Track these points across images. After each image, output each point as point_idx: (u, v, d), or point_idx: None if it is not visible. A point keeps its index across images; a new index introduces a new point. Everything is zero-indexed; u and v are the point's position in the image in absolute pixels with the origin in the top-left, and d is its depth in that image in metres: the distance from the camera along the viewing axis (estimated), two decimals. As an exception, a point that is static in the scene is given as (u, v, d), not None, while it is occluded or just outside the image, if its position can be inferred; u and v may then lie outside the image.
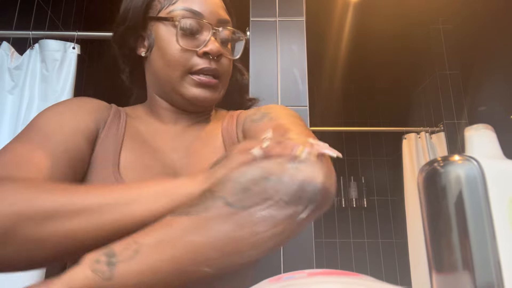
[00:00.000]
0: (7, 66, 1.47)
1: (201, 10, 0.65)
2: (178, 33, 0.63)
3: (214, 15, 0.66)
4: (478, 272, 0.27)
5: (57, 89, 1.43)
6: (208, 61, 0.64)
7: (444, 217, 0.30)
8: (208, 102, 0.66)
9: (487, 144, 0.33)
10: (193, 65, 0.64)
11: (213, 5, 0.66)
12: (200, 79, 0.64)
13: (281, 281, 0.26)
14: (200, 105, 0.67)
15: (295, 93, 1.23)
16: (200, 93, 0.65)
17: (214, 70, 0.64)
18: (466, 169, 0.30)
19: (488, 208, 0.29)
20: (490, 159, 0.31)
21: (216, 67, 0.65)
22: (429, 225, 0.31)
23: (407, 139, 2.40)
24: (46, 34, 1.52)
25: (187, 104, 0.68)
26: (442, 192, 0.30)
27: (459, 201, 0.29)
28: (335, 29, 2.45)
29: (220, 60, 0.66)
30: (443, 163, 0.31)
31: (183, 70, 0.64)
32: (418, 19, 2.33)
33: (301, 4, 1.31)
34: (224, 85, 0.69)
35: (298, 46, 1.27)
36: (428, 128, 2.39)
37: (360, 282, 0.25)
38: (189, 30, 0.64)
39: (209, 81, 0.64)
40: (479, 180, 0.29)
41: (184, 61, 0.64)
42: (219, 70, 0.65)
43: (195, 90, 0.64)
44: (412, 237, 2.14)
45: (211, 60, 0.64)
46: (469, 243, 0.28)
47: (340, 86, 2.96)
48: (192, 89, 0.64)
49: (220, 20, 0.67)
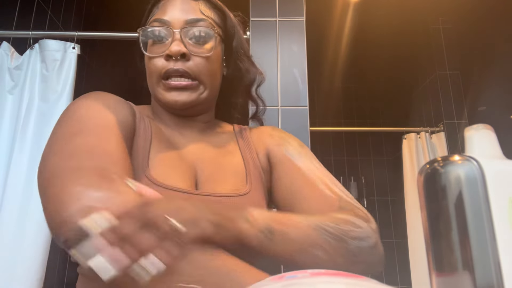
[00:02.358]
0: (7, 66, 1.47)
1: (168, 17, 0.67)
2: (142, 43, 0.67)
3: (180, 18, 0.66)
4: (478, 272, 0.27)
5: (57, 89, 1.43)
6: (173, 62, 0.64)
7: (444, 217, 0.30)
8: (187, 104, 0.66)
9: (487, 144, 0.33)
10: (161, 70, 0.65)
11: (181, 10, 0.67)
12: (169, 83, 0.65)
13: (283, 280, 0.26)
14: (180, 108, 0.67)
15: (295, 93, 1.23)
16: (173, 96, 0.65)
17: (181, 71, 0.64)
18: (466, 169, 0.30)
19: (488, 208, 0.29)
20: (490, 159, 0.31)
21: (183, 68, 0.64)
22: (429, 225, 0.31)
23: (407, 139, 2.40)
24: (46, 34, 1.52)
25: (169, 109, 0.69)
26: (442, 192, 0.30)
27: (459, 201, 0.29)
28: (335, 29, 2.44)
29: (191, 60, 0.65)
30: (443, 163, 0.31)
31: (156, 76, 0.66)
32: (418, 19, 2.33)
33: (301, 4, 1.31)
34: (206, 85, 0.67)
35: (298, 46, 1.27)
36: (428, 128, 2.39)
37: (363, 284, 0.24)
38: (156, 38, 0.67)
39: (178, 84, 0.64)
40: (479, 180, 0.29)
41: (154, 67, 0.66)
42: (189, 70, 0.65)
43: (167, 95, 0.65)
44: (412, 237, 2.14)
45: (177, 61, 0.64)
46: (469, 243, 0.28)
47: (340, 86, 2.95)
48: (165, 94, 0.66)
49: (188, 21, 0.67)
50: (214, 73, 0.69)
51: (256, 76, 0.80)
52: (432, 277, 0.30)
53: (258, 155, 0.72)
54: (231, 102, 0.82)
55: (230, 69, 0.76)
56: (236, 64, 0.75)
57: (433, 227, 0.31)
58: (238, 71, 0.76)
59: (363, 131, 2.93)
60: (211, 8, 0.71)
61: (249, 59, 0.79)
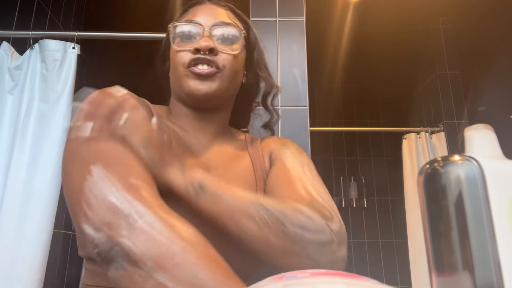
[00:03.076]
0: (7, 66, 1.47)
1: (197, 18, 0.72)
2: (173, 39, 0.72)
3: (210, 20, 0.72)
4: (478, 272, 0.27)
5: (57, 89, 1.43)
6: (201, 55, 0.68)
7: (444, 217, 0.30)
8: (209, 94, 0.69)
9: (487, 144, 0.33)
10: (188, 61, 0.69)
11: (210, 14, 0.73)
12: (193, 70, 0.68)
13: (283, 280, 0.26)
14: (203, 98, 0.70)
15: (295, 93, 1.23)
16: (196, 85, 0.68)
17: (208, 59, 0.68)
18: (466, 169, 0.30)
19: (488, 208, 0.29)
20: (490, 159, 0.31)
21: (210, 58, 0.68)
22: (429, 225, 0.31)
23: (407, 139, 2.40)
24: (46, 34, 1.51)
25: (191, 100, 0.72)
26: (442, 192, 0.30)
27: (459, 201, 0.29)
28: (335, 29, 2.44)
29: (217, 55, 0.69)
30: (443, 163, 0.31)
31: (182, 66, 0.69)
32: (418, 19, 2.33)
33: (301, 4, 1.31)
34: (225, 78, 0.70)
35: (298, 46, 1.27)
36: (428, 128, 2.39)
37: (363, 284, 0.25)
38: (185, 35, 0.71)
39: (202, 71, 0.67)
40: (479, 180, 0.29)
41: (180, 59, 0.70)
42: (215, 61, 0.68)
43: (191, 83, 0.69)
44: (412, 237, 2.14)
45: (204, 55, 0.68)
46: (469, 243, 0.28)
47: (340, 86, 2.95)
48: (189, 82, 0.69)
49: (217, 22, 0.72)
50: (237, 71, 0.73)
51: (273, 88, 0.85)
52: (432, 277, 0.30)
53: (264, 161, 0.75)
54: (246, 111, 0.87)
55: (249, 77, 0.79)
56: (255, 73, 0.80)
57: (433, 227, 0.31)
58: (257, 80, 0.81)
59: (363, 131, 2.93)
60: (237, 18, 0.77)
61: (268, 71, 0.83)
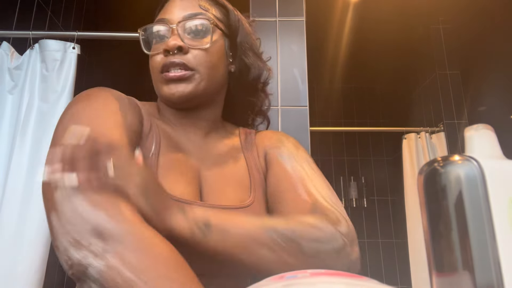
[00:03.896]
0: (7, 66, 1.46)
1: (168, 15, 0.69)
2: (144, 43, 0.70)
3: (178, 14, 0.68)
4: (478, 272, 0.27)
5: (57, 89, 1.43)
6: (171, 57, 0.65)
7: (444, 217, 0.30)
8: (183, 97, 0.66)
9: (487, 144, 0.33)
10: (160, 65, 0.66)
11: (180, 7, 0.69)
12: (166, 75, 0.65)
13: (283, 280, 0.26)
14: (177, 101, 0.67)
15: (295, 93, 1.23)
16: (170, 89, 0.66)
17: (178, 63, 0.65)
18: (466, 169, 0.30)
19: (488, 208, 0.29)
20: (490, 159, 0.31)
21: (180, 59, 0.65)
22: (429, 225, 0.31)
23: (407, 139, 2.40)
24: (46, 34, 1.51)
25: (171, 104, 0.70)
26: (442, 192, 0.30)
27: (459, 201, 0.29)
28: (335, 29, 2.44)
29: (189, 53, 0.66)
30: (443, 163, 0.31)
31: (156, 71, 0.67)
32: (418, 19, 2.33)
33: (301, 4, 1.31)
34: (204, 76, 0.67)
35: (298, 46, 1.27)
36: (428, 128, 2.39)
37: (363, 284, 0.24)
38: (156, 36, 0.69)
39: (174, 75, 0.65)
40: (479, 180, 0.29)
41: (154, 63, 0.67)
42: (186, 62, 0.65)
43: (165, 88, 0.66)
44: (412, 237, 2.14)
45: (174, 55, 0.65)
46: (469, 243, 0.28)
47: (340, 86, 2.95)
48: (163, 88, 0.67)
49: (186, 16, 0.68)
50: (214, 65, 0.69)
51: (263, 72, 0.79)
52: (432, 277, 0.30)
53: (259, 158, 0.72)
54: (241, 101, 0.81)
55: (236, 65, 0.75)
56: (241, 60, 0.75)
57: (433, 227, 0.31)
58: (244, 67, 0.75)
59: (363, 131, 2.93)
60: (212, 4, 0.72)
61: (256, 54, 0.78)
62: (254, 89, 0.80)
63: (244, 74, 0.76)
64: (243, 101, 0.81)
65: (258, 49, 0.80)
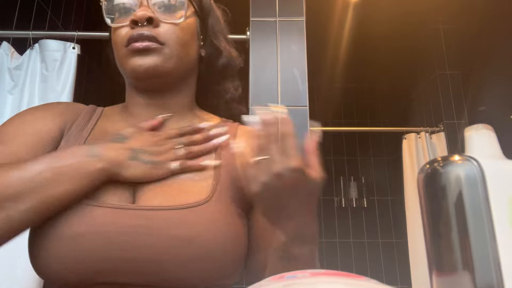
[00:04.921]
0: (7, 66, 1.47)
1: None
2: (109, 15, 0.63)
3: None
4: (478, 272, 0.27)
5: (57, 89, 1.43)
6: (139, 28, 0.59)
7: (444, 217, 0.30)
8: (150, 69, 0.59)
9: (487, 144, 0.33)
10: (125, 38, 0.60)
11: None
12: (132, 46, 0.59)
13: (283, 280, 0.26)
14: (145, 75, 0.60)
15: (295, 93, 1.23)
16: (136, 61, 0.59)
17: (147, 35, 0.58)
18: (466, 169, 0.30)
19: (488, 208, 0.29)
20: (490, 159, 0.31)
21: (150, 32, 0.58)
22: (429, 225, 0.31)
23: (407, 139, 2.40)
24: (46, 34, 1.52)
25: (137, 81, 0.64)
26: (442, 192, 0.30)
27: (459, 201, 0.29)
28: (335, 29, 2.44)
29: (159, 27, 0.60)
30: (443, 163, 0.31)
31: (120, 46, 0.60)
32: (418, 19, 2.33)
33: (301, 4, 1.31)
34: (174, 53, 0.61)
35: (298, 46, 1.27)
36: (428, 128, 2.39)
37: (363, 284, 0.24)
38: (121, 8, 0.62)
39: (140, 45, 0.58)
40: (479, 180, 0.29)
41: (118, 38, 0.61)
42: (156, 35, 0.59)
43: (130, 61, 0.59)
44: (412, 237, 2.14)
45: (143, 27, 0.59)
46: (469, 243, 0.28)
47: (340, 86, 2.96)
48: (128, 61, 0.60)
49: None
50: (186, 43, 0.63)
51: (233, 58, 0.74)
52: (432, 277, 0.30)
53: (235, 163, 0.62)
54: (212, 88, 0.75)
55: (207, 48, 0.70)
56: (212, 43, 0.70)
57: (433, 227, 0.31)
58: (215, 51, 0.71)
59: (363, 131, 2.93)
60: None
61: (227, 40, 0.74)
62: (224, 76, 0.74)
63: (214, 59, 0.71)
64: (213, 89, 0.75)
65: (228, 35, 0.75)
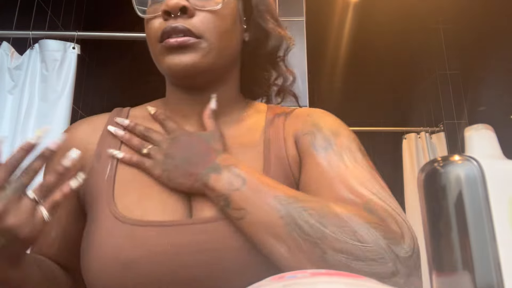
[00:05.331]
0: (7, 66, 1.47)
1: None
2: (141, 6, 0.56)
3: None
4: (478, 272, 0.27)
5: (57, 89, 1.43)
6: (172, 20, 0.52)
7: (444, 217, 0.30)
8: (189, 67, 0.53)
9: (487, 144, 0.33)
10: (158, 32, 0.53)
11: None
12: (166, 42, 0.52)
13: (283, 280, 0.26)
14: (183, 74, 0.54)
15: (295, 93, 1.23)
16: (172, 59, 0.52)
17: (181, 29, 0.51)
18: (466, 169, 0.30)
19: (488, 208, 0.29)
20: (490, 159, 0.31)
21: (184, 25, 0.52)
22: (429, 225, 0.31)
23: (407, 139, 2.41)
24: (46, 34, 1.52)
25: (176, 80, 0.58)
26: (442, 192, 0.30)
27: (459, 201, 0.29)
28: (335, 29, 2.45)
29: (195, 16, 0.53)
30: (443, 163, 0.31)
31: (155, 42, 0.54)
32: (418, 19, 2.33)
33: (301, 4, 1.31)
34: (213, 46, 0.54)
35: (298, 46, 1.27)
36: (428, 128, 2.39)
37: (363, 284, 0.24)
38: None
39: (175, 41, 0.51)
40: (479, 180, 0.29)
41: (151, 31, 0.54)
42: (192, 28, 0.52)
43: (166, 59, 0.53)
44: (412, 237, 2.14)
45: (176, 18, 0.52)
46: (469, 243, 0.28)
47: (340, 86, 2.96)
48: (165, 58, 0.53)
49: None
50: (227, 32, 0.55)
51: (283, 40, 0.64)
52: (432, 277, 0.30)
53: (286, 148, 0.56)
54: (257, 78, 0.67)
55: (251, 32, 0.61)
56: (257, 25, 0.61)
57: (433, 227, 0.31)
58: (262, 33, 0.62)
59: (363, 131, 2.93)
60: None
61: (275, 20, 0.64)
62: (273, 62, 0.66)
63: (262, 42, 0.62)
64: (260, 77, 0.67)
65: (276, 14, 0.65)
